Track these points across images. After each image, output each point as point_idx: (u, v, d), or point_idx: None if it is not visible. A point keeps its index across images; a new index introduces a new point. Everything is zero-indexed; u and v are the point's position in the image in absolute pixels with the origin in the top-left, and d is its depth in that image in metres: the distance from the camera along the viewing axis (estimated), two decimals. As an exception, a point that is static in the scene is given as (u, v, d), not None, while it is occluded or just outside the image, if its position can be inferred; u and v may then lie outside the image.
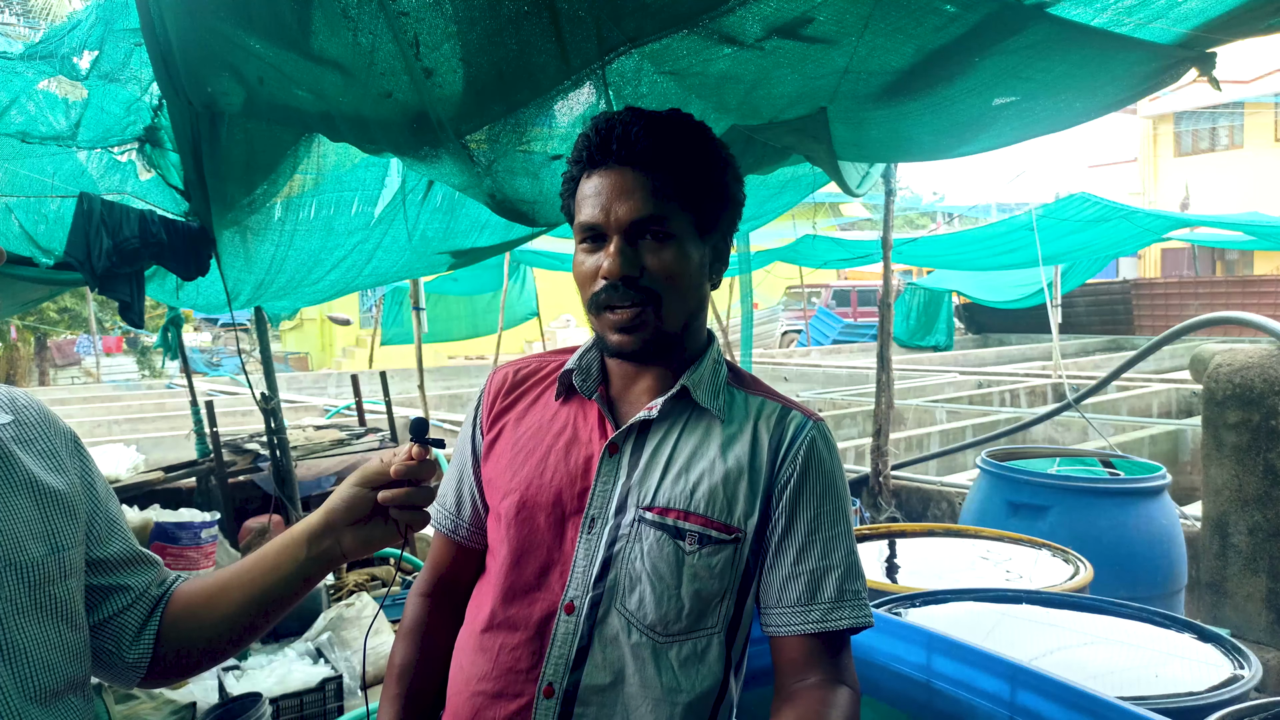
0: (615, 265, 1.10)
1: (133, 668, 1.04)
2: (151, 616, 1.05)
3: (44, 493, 0.95)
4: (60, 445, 1.01)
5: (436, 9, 1.88)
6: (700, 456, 1.15)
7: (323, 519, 1.07)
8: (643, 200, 1.09)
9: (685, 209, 1.12)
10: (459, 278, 9.24)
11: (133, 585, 1.05)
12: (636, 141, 1.10)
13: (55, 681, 0.91)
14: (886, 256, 5.28)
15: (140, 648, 1.04)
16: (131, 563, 1.06)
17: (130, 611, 1.04)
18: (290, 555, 1.06)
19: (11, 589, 0.89)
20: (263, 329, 4.67)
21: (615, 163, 1.11)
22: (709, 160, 1.15)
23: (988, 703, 1.68)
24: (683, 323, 1.16)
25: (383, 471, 1.06)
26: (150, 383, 14.16)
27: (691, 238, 1.13)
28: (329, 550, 1.07)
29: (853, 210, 15.19)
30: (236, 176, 2.71)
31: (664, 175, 1.11)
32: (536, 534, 1.17)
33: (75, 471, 1.01)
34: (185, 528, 3.61)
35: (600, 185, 1.12)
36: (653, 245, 1.11)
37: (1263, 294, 16.58)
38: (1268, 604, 3.19)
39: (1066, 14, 1.87)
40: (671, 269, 1.11)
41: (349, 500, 1.07)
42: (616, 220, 1.10)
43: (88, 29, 2.36)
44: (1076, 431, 7.14)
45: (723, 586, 1.13)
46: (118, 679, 1.07)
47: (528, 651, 1.14)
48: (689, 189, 1.12)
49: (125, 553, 1.05)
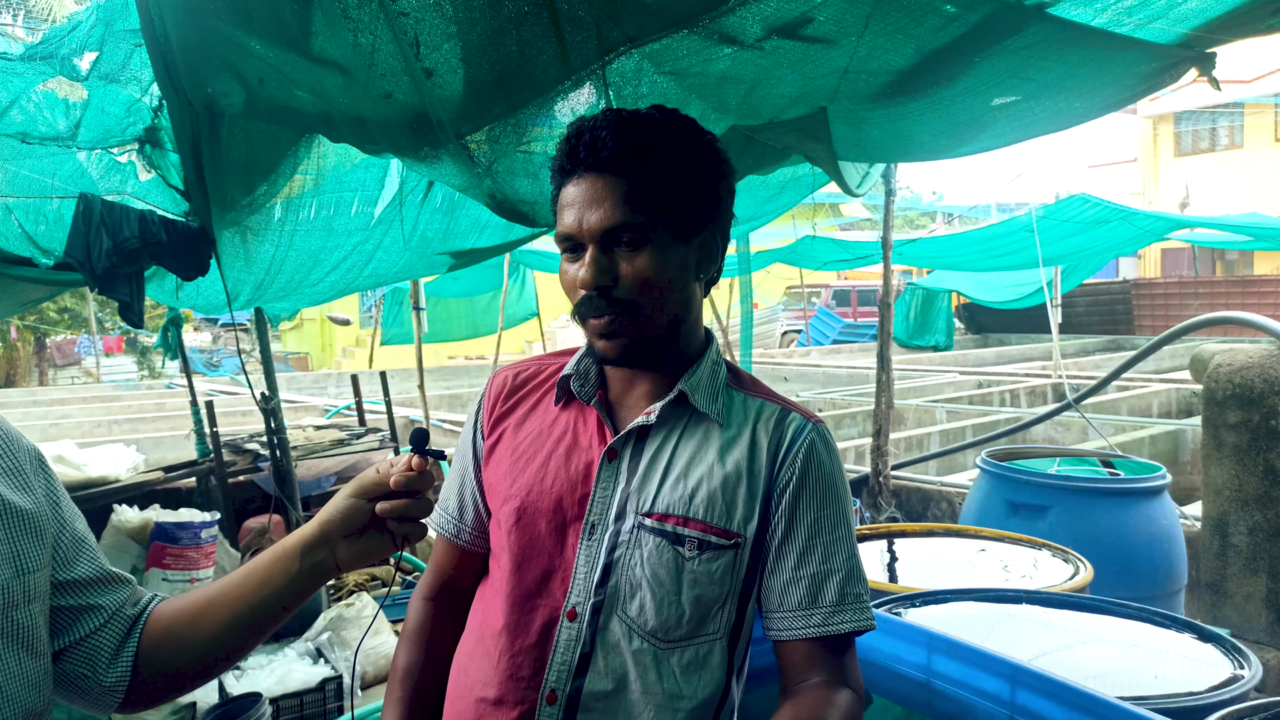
0: (589, 276, 1.09)
1: (110, 691, 0.99)
2: (129, 638, 1.00)
3: (10, 512, 0.90)
4: (25, 463, 0.96)
5: (437, 9, 1.88)
6: (699, 461, 1.14)
7: (318, 530, 1.04)
8: (612, 208, 1.08)
9: (662, 212, 1.09)
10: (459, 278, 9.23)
11: (104, 605, 0.99)
12: (603, 147, 1.08)
13: (12, 712, 0.86)
14: (886, 257, 5.28)
15: (118, 670, 0.98)
16: (101, 582, 1.00)
17: (103, 632, 0.99)
18: (282, 568, 1.03)
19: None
20: (263, 329, 4.67)
21: (585, 169, 1.10)
22: (687, 159, 1.12)
23: (988, 703, 1.68)
24: (666, 326, 1.14)
25: (380, 482, 1.04)
26: (150, 383, 14.16)
27: (670, 240, 1.11)
28: (323, 562, 1.04)
29: (853, 210, 15.19)
30: (236, 177, 2.71)
31: (636, 179, 1.09)
32: (538, 540, 1.16)
33: (41, 490, 0.96)
34: (185, 528, 3.61)
35: (574, 194, 1.11)
36: (626, 253, 1.09)
37: (1263, 294, 16.58)
38: (1268, 604, 3.19)
39: (1066, 14, 1.87)
40: (646, 276, 1.09)
41: (345, 511, 1.04)
42: (589, 230, 1.09)
43: (88, 30, 2.36)
44: (1076, 431, 7.14)
45: (723, 592, 1.13)
46: (95, 705, 1.00)
47: (530, 658, 1.14)
48: (664, 191, 1.10)
49: (94, 572, 0.99)
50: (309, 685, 3.09)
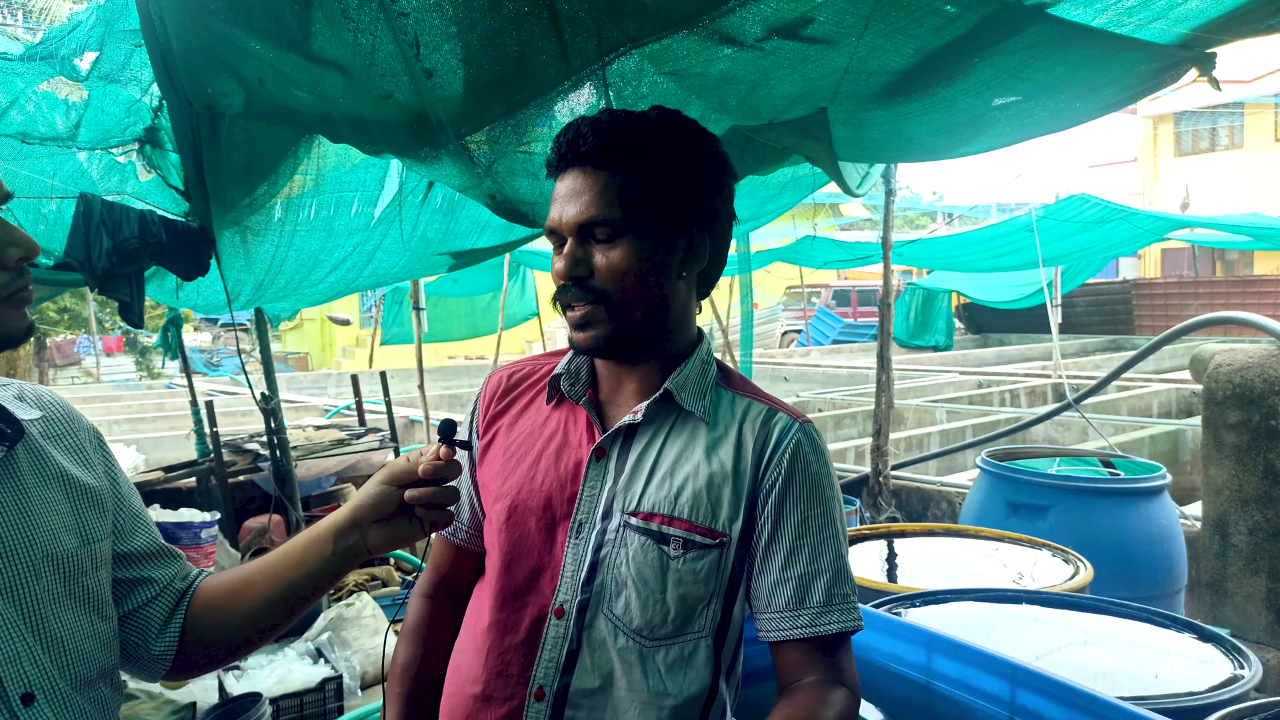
0: (564, 266, 1.12)
1: (159, 660, 1.07)
2: (176, 609, 1.08)
3: (75, 487, 0.99)
4: (86, 441, 1.05)
5: (437, 10, 1.88)
6: (685, 460, 1.15)
7: (350, 515, 1.09)
8: (589, 201, 1.10)
9: (641, 207, 1.11)
10: (459, 278, 9.23)
11: (157, 578, 1.08)
12: (584, 143, 1.11)
13: (89, 670, 0.94)
14: (886, 257, 5.28)
15: (166, 640, 1.07)
16: (156, 556, 1.09)
17: (155, 604, 1.07)
18: (316, 550, 1.09)
19: (49, 580, 0.92)
20: (263, 329, 4.67)
21: (569, 165, 1.13)
22: (674, 158, 1.13)
23: (988, 703, 1.68)
24: (641, 320, 1.14)
25: (410, 470, 1.08)
26: (150, 383, 14.17)
27: (649, 235, 1.12)
28: (354, 546, 1.09)
29: (853, 210, 15.18)
30: (236, 177, 2.71)
31: (616, 175, 1.11)
32: (527, 538, 1.18)
33: (101, 466, 1.05)
34: (185, 528, 3.62)
35: (560, 189, 1.14)
36: (601, 246, 1.11)
37: (1263, 294, 16.59)
38: (1268, 604, 3.19)
39: (1067, 14, 1.87)
40: (618, 268, 1.11)
41: (376, 497, 1.09)
42: (567, 223, 1.12)
43: (88, 30, 2.36)
44: (1076, 431, 7.14)
45: (708, 591, 1.14)
46: (144, 671, 1.09)
47: (519, 655, 1.15)
48: (645, 188, 1.11)
49: (149, 546, 1.08)
50: (309, 685, 3.09)
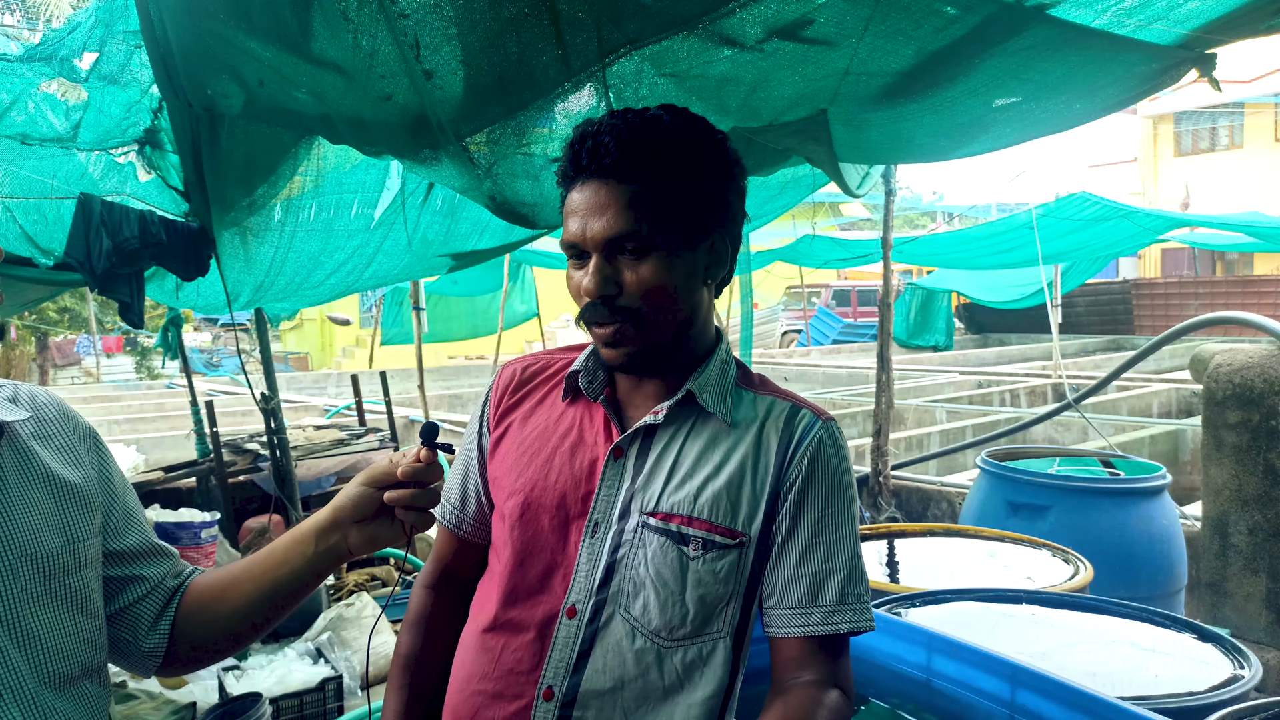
0: (593, 285, 1.08)
1: (149, 656, 1.09)
2: (167, 607, 1.10)
3: (60, 486, 1.00)
4: (78, 441, 1.06)
5: (437, 11, 1.88)
6: (705, 461, 1.14)
7: (330, 516, 1.10)
8: (616, 215, 1.06)
9: (667, 218, 1.08)
10: (459, 278, 9.22)
11: (148, 576, 1.09)
12: (606, 153, 1.07)
13: (70, 668, 0.95)
14: (886, 256, 5.27)
15: (156, 637, 1.08)
16: (148, 554, 1.10)
17: (146, 601, 1.08)
18: (299, 550, 1.10)
19: (27, 579, 0.93)
20: (263, 329, 4.67)
21: (589, 175, 1.09)
22: (693, 162, 1.10)
23: (988, 702, 1.69)
24: (672, 333, 1.13)
25: (390, 472, 1.09)
26: (150, 383, 14.16)
27: (677, 246, 1.09)
28: (336, 546, 1.10)
29: (853, 210, 15.19)
30: (236, 178, 2.71)
31: (640, 185, 1.07)
32: (540, 536, 1.17)
33: (92, 466, 1.06)
34: (185, 528, 3.62)
35: (579, 201, 1.09)
36: (630, 261, 1.08)
37: (1263, 294, 16.58)
38: (1268, 604, 3.20)
39: (1067, 16, 1.87)
40: (649, 284, 1.08)
41: (356, 499, 1.10)
42: (593, 238, 1.08)
43: (88, 31, 2.36)
44: (1076, 431, 7.14)
45: (728, 591, 1.13)
46: (135, 667, 1.11)
47: (529, 653, 1.14)
48: (670, 197, 1.08)
49: (142, 544, 1.10)
50: (309, 685, 3.09)
